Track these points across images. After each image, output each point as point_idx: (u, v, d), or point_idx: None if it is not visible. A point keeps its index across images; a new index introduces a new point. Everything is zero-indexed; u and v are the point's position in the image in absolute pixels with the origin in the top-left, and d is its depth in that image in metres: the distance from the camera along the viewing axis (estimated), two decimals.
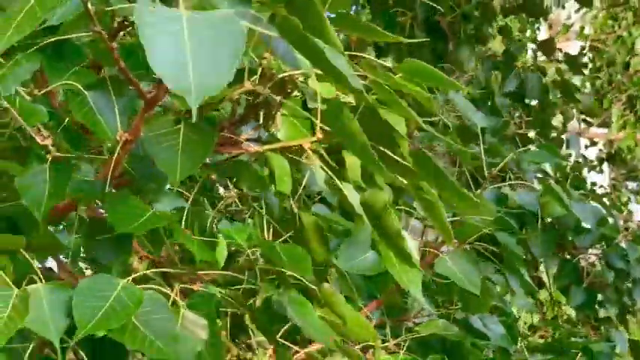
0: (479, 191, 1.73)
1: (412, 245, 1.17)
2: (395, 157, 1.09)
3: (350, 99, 1.11)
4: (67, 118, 1.19)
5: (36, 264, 1.14)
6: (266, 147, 1.18)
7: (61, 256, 1.27)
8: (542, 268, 2.58)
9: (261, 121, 1.23)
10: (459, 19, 3.26)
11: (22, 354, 1.06)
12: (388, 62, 1.18)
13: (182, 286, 1.16)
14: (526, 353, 1.95)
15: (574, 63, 3.97)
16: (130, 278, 1.08)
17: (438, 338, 1.77)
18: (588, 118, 4.45)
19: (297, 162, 1.20)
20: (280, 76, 1.11)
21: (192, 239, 1.15)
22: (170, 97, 1.10)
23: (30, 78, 1.22)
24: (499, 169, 2.19)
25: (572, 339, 2.17)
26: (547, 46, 3.88)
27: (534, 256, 2.26)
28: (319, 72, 1.04)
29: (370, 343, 1.67)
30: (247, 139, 1.22)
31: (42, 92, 1.19)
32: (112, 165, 1.15)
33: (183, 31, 0.80)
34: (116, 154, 1.14)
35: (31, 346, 1.06)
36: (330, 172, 1.12)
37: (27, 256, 1.09)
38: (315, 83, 1.10)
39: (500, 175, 2.24)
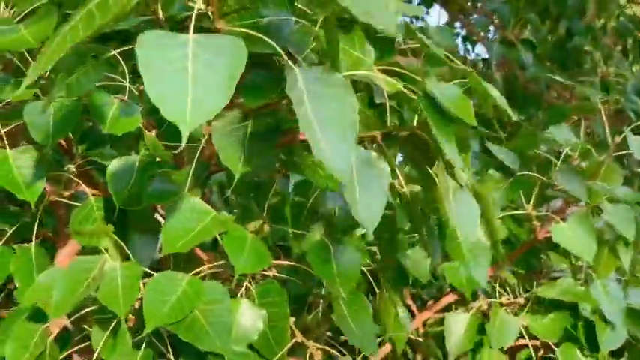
0: (604, 157, 1.55)
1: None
2: None
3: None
4: None
5: None
6: None
7: None
8: None
9: None
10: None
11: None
12: None
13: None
14: None
15: None
16: (196, 271, 1.05)
17: None
18: None
19: None
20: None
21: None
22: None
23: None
24: None
25: None
26: None
27: None
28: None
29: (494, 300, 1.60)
30: None
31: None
32: (198, 155, 1.12)
33: (188, 58, 0.73)
34: (201, 146, 1.12)
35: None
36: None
37: (118, 240, 1.09)
38: (380, 80, 1.01)
39: None
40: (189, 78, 0.72)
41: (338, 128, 0.80)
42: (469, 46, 3.42)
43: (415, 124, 1.08)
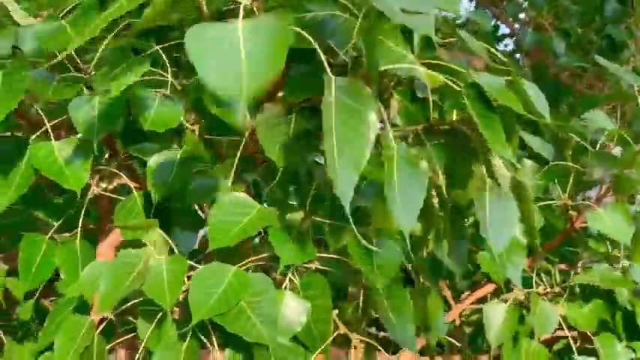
0: (637, 146, 1.53)
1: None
2: None
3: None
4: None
5: None
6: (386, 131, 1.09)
7: None
8: None
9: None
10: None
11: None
12: None
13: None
14: None
15: None
16: (243, 264, 1.05)
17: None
18: None
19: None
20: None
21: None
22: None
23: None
24: None
25: None
26: None
27: None
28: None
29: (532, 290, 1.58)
30: None
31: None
32: (242, 148, 1.12)
33: (239, 41, 0.71)
34: (244, 140, 1.12)
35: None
36: None
37: (163, 235, 1.09)
38: (423, 75, 1.00)
39: None
40: (241, 52, 0.70)
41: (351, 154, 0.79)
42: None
43: (455, 118, 1.07)
